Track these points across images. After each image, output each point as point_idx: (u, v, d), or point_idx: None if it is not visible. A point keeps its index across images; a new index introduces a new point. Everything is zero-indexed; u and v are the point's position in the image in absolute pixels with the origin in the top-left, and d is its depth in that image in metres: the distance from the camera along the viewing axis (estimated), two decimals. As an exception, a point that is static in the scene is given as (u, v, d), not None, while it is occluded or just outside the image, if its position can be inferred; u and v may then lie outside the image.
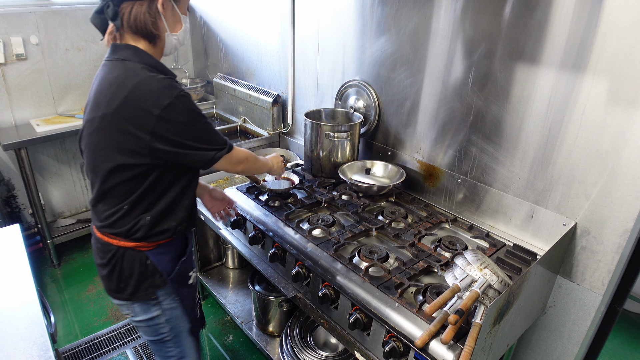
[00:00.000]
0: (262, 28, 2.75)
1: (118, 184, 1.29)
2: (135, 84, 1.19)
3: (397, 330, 1.29)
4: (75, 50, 3.09)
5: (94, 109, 1.25)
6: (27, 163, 2.80)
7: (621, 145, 1.35)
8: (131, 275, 1.36)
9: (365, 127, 2.19)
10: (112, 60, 1.26)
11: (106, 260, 1.37)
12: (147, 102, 1.18)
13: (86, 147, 1.31)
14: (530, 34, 1.48)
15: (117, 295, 1.41)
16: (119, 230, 1.32)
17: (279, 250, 1.72)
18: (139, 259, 1.36)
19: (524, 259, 1.54)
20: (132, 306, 1.42)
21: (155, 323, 1.45)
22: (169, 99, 1.19)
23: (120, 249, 1.34)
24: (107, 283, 1.41)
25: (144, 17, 1.24)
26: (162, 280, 1.40)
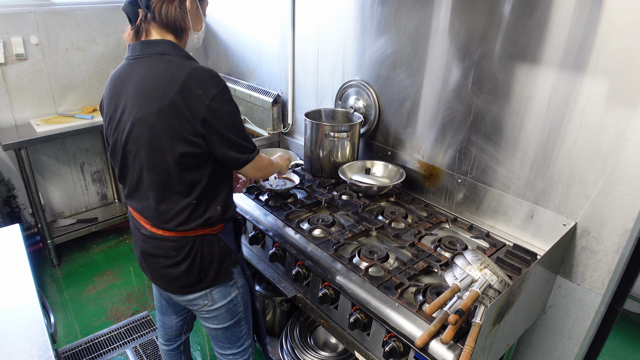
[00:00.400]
0: (262, 28, 2.75)
1: (181, 177, 1.29)
2: (188, 75, 1.21)
3: (397, 330, 1.29)
4: (75, 50, 3.09)
5: (144, 105, 1.23)
6: (27, 163, 2.80)
7: (621, 145, 1.35)
8: (212, 260, 1.40)
9: (365, 127, 2.19)
10: (150, 56, 1.26)
11: (184, 254, 1.36)
12: (199, 91, 1.20)
13: (145, 145, 1.27)
14: (530, 34, 1.48)
15: (195, 287, 1.42)
16: (195, 223, 1.34)
17: (279, 250, 1.72)
18: (216, 242, 1.41)
19: (524, 259, 1.54)
20: (210, 294, 1.45)
21: (233, 304, 1.51)
22: (216, 89, 1.22)
23: (198, 237, 1.37)
24: (186, 278, 1.40)
25: (174, 12, 1.26)
26: (235, 258, 1.47)
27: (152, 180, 1.30)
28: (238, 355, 1.65)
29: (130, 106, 1.26)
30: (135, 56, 1.28)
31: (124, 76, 1.30)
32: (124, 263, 3.19)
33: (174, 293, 1.46)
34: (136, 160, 1.30)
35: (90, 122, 2.99)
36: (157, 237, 1.37)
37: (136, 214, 1.42)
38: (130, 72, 1.28)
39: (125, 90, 1.28)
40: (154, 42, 1.28)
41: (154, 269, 1.44)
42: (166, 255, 1.38)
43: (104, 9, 3.13)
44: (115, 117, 1.30)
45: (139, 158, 1.29)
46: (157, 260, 1.41)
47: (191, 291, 1.43)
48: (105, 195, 3.61)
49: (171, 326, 1.77)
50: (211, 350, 2.49)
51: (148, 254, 1.42)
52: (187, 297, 1.45)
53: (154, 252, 1.40)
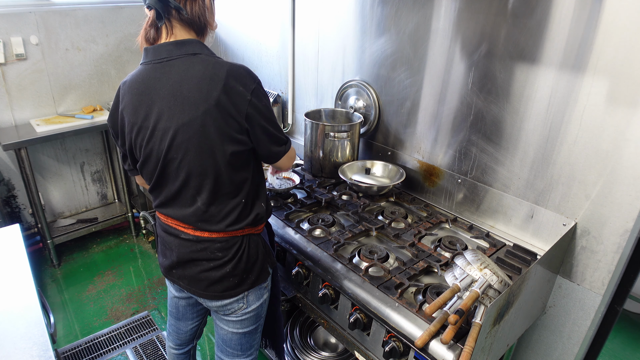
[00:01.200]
0: (262, 28, 2.75)
1: (230, 178, 1.28)
2: (227, 72, 1.19)
3: (397, 330, 1.29)
4: (75, 50, 3.09)
5: (187, 109, 1.19)
6: (27, 163, 2.80)
7: (621, 145, 1.35)
8: (257, 259, 1.40)
9: (365, 127, 2.19)
10: (179, 58, 1.21)
11: (231, 254, 1.34)
12: (240, 87, 1.20)
13: (193, 150, 1.22)
14: (530, 34, 1.48)
15: (235, 290, 1.38)
16: (245, 222, 1.34)
17: (279, 250, 1.72)
18: (260, 241, 1.42)
19: (524, 259, 1.54)
20: (246, 297, 1.42)
21: (262, 308, 1.50)
22: (254, 83, 1.23)
23: (245, 237, 1.37)
24: (229, 280, 1.36)
25: (199, 8, 1.25)
26: (274, 259, 1.48)
27: (203, 184, 1.26)
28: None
29: (169, 112, 1.20)
30: (162, 59, 1.22)
31: (151, 82, 1.22)
32: (124, 263, 3.19)
33: (211, 298, 1.41)
34: (182, 167, 1.25)
35: (91, 122, 2.99)
36: (202, 239, 1.33)
37: (174, 221, 1.36)
38: (159, 76, 1.21)
39: (157, 96, 1.21)
40: (183, 42, 1.23)
41: (193, 274, 1.38)
42: (211, 257, 1.34)
43: (104, 9, 3.13)
44: (148, 126, 1.23)
45: (185, 164, 1.24)
46: (199, 264, 1.36)
47: (230, 295, 1.39)
48: (105, 195, 3.61)
49: (185, 332, 1.74)
50: (211, 350, 2.48)
51: (188, 260, 1.37)
52: (223, 302, 1.41)
53: (197, 257, 1.35)
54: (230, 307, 1.43)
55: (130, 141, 1.30)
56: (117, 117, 1.31)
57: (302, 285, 1.66)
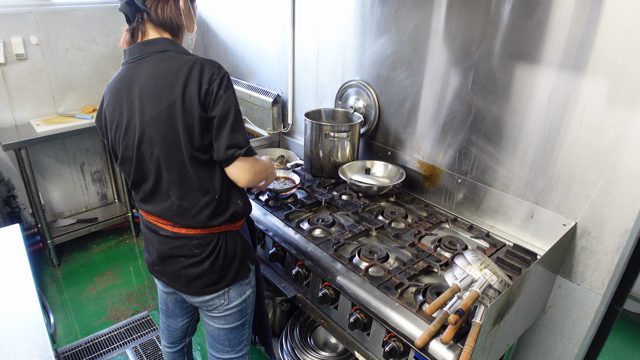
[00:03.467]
0: (262, 28, 2.75)
1: (197, 173, 1.29)
2: (190, 66, 1.22)
3: (397, 330, 1.29)
4: (75, 50, 3.09)
5: (154, 104, 1.23)
6: (27, 163, 2.80)
7: (621, 145, 1.35)
8: (235, 256, 1.41)
9: (365, 127, 2.19)
10: (149, 56, 1.26)
11: (208, 251, 1.37)
12: (201, 79, 1.21)
13: (159, 144, 1.26)
14: (530, 34, 1.48)
15: (215, 287, 1.41)
16: (221, 219, 1.35)
17: (279, 250, 1.72)
18: (239, 238, 1.43)
19: (524, 259, 1.54)
20: (227, 293, 1.45)
21: (246, 304, 1.51)
22: (217, 75, 1.23)
23: (222, 234, 1.38)
24: (208, 277, 1.39)
25: (170, 11, 1.28)
26: (254, 255, 1.49)
27: (172, 178, 1.30)
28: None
29: (139, 108, 1.25)
30: (135, 58, 1.27)
31: (125, 80, 1.28)
32: (124, 263, 3.19)
33: (192, 294, 1.44)
34: (152, 161, 1.29)
35: (90, 122, 2.99)
36: (180, 236, 1.36)
37: (154, 217, 1.39)
38: (132, 75, 1.27)
39: (130, 94, 1.26)
40: (153, 41, 1.27)
41: (173, 271, 1.42)
42: (189, 254, 1.37)
43: (104, 9, 3.13)
44: (123, 122, 1.29)
45: (155, 158, 1.28)
46: (177, 261, 1.39)
47: (210, 291, 1.42)
48: (105, 195, 3.61)
49: (176, 329, 1.76)
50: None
51: (167, 256, 1.40)
52: (204, 298, 1.44)
53: (175, 253, 1.39)
54: (212, 303, 1.46)
55: (111, 139, 1.35)
56: (102, 116, 1.36)
57: (302, 285, 1.66)
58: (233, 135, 1.26)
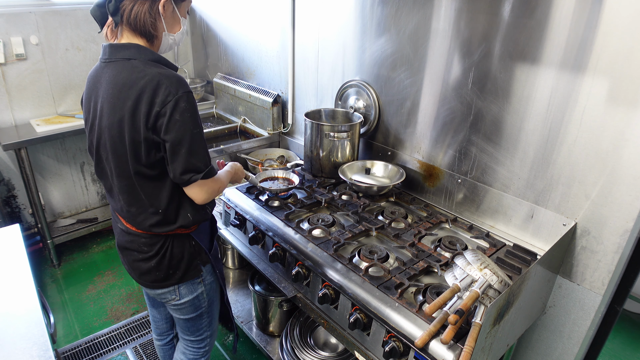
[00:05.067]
0: (262, 28, 2.75)
1: (142, 187, 1.31)
2: (146, 82, 1.19)
3: (397, 330, 1.29)
4: (75, 50, 3.09)
5: (111, 113, 1.24)
6: (27, 163, 2.80)
7: (621, 145, 1.35)
8: (182, 258, 1.44)
9: (365, 127, 2.19)
10: (115, 61, 1.26)
11: (155, 250, 1.41)
12: (156, 98, 1.19)
13: (110, 153, 1.29)
14: (530, 34, 1.48)
15: (163, 283, 1.46)
16: (168, 228, 1.38)
17: (279, 250, 1.72)
18: (187, 241, 1.45)
19: (524, 259, 1.54)
20: (178, 290, 1.50)
21: (198, 300, 1.56)
22: (173, 96, 1.19)
23: (169, 237, 1.42)
24: (155, 274, 1.45)
25: (143, 17, 1.25)
26: (207, 257, 1.52)
27: (122, 185, 1.33)
28: (195, 343, 1.71)
29: (101, 112, 1.28)
30: (105, 59, 1.28)
31: (97, 79, 1.30)
32: (124, 263, 3.19)
33: (145, 286, 1.52)
34: (107, 165, 1.34)
35: (90, 122, 2.99)
36: (131, 232, 1.42)
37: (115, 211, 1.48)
38: (101, 75, 1.29)
39: (97, 95, 1.29)
40: (121, 46, 1.26)
41: (128, 262, 1.50)
42: (139, 249, 1.43)
43: (104, 9, 3.13)
44: (89, 119, 1.34)
45: (108, 163, 1.33)
46: (131, 254, 1.46)
47: (159, 286, 1.48)
48: (105, 195, 3.61)
49: (160, 319, 1.83)
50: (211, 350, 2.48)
51: (123, 247, 1.48)
52: (156, 291, 1.51)
53: (128, 246, 1.45)
54: (164, 297, 1.53)
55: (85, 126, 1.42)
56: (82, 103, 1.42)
57: (302, 285, 1.66)
58: (190, 160, 1.24)
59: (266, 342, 2.29)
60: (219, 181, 1.39)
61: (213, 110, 3.35)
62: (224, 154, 2.59)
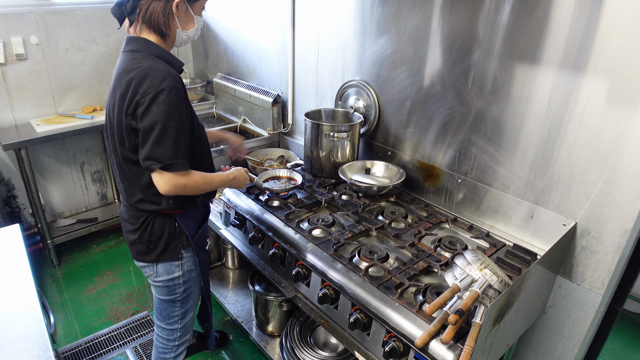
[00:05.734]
0: (262, 28, 2.75)
1: (129, 168, 1.43)
2: (137, 73, 1.30)
3: (397, 330, 1.29)
4: (75, 50, 3.09)
5: (110, 98, 1.40)
6: (27, 163, 2.80)
7: (621, 145, 1.35)
8: (161, 236, 1.52)
9: (365, 127, 2.19)
10: (125, 52, 1.39)
11: (138, 224, 1.52)
12: (139, 88, 1.29)
13: (109, 133, 1.45)
14: (530, 34, 1.48)
15: (144, 257, 1.56)
16: (150, 208, 1.48)
17: (279, 250, 1.72)
18: (168, 221, 1.52)
19: (524, 259, 1.54)
20: (156, 267, 1.57)
21: (174, 284, 1.61)
22: (155, 88, 1.28)
23: (152, 213, 1.51)
24: (137, 247, 1.55)
25: (157, 16, 1.36)
26: (187, 242, 1.57)
27: (115, 163, 1.47)
28: (164, 331, 1.75)
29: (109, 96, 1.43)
30: (122, 50, 1.42)
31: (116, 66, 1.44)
32: (124, 263, 3.19)
33: (133, 257, 1.61)
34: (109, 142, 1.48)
35: (90, 122, 2.99)
36: (125, 205, 1.56)
37: None
38: (116, 65, 1.44)
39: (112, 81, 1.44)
40: (133, 39, 1.38)
41: (123, 232, 1.63)
42: (129, 221, 1.55)
43: (104, 9, 3.13)
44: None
45: (110, 141, 1.46)
46: (125, 224, 1.59)
47: (141, 259, 1.58)
48: (105, 195, 3.61)
49: None
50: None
51: (122, 218, 1.61)
52: (139, 264, 1.61)
53: (124, 217, 1.59)
54: (145, 271, 1.61)
55: None
56: None
57: (302, 285, 1.66)
58: (154, 148, 1.31)
59: (266, 342, 2.29)
60: (189, 178, 1.40)
61: (213, 110, 3.35)
62: (224, 154, 2.59)
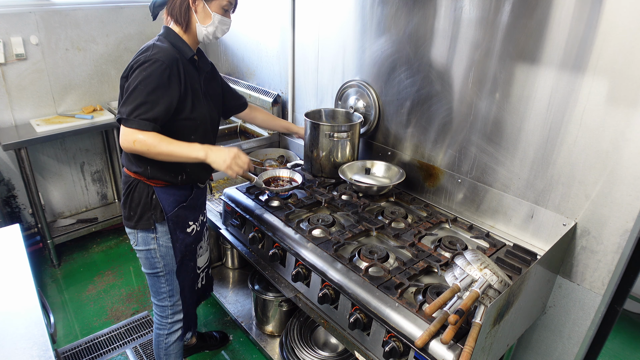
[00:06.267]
0: (262, 28, 2.75)
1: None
2: (142, 48, 1.52)
3: (397, 330, 1.29)
4: (75, 50, 3.09)
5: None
6: (27, 163, 2.80)
7: (621, 145, 1.35)
8: (139, 203, 1.64)
9: (365, 127, 2.19)
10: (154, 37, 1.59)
11: (125, 188, 1.67)
12: (137, 57, 1.48)
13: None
14: (530, 34, 1.48)
15: (127, 222, 1.69)
16: (132, 168, 1.61)
17: (279, 250, 1.72)
18: (146, 192, 1.63)
19: (524, 259, 1.54)
20: (137, 235, 1.69)
21: (151, 256, 1.73)
22: (145, 58, 1.46)
23: (135, 180, 1.63)
24: (124, 211, 1.70)
25: (177, 10, 1.56)
26: (161, 216, 1.66)
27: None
28: (157, 308, 1.87)
29: None
30: None
31: None
32: (124, 263, 3.19)
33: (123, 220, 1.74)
34: None
35: (90, 122, 2.99)
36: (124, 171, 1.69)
37: None
38: None
39: None
40: (163, 27, 1.61)
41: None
42: (122, 185, 1.69)
43: (104, 9, 3.13)
44: None
45: None
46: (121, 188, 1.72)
47: (125, 225, 1.71)
48: (105, 195, 3.61)
49: None
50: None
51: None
52: (126, 230, 1.72)
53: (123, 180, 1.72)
54: (130, 238, 1.73)
55: None
56: None
57: (302, 285, 1.66)
58: (123, 104, 1.48)
59: (266, 342, 2.29)
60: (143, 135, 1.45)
61: (213, 110, 3.35)
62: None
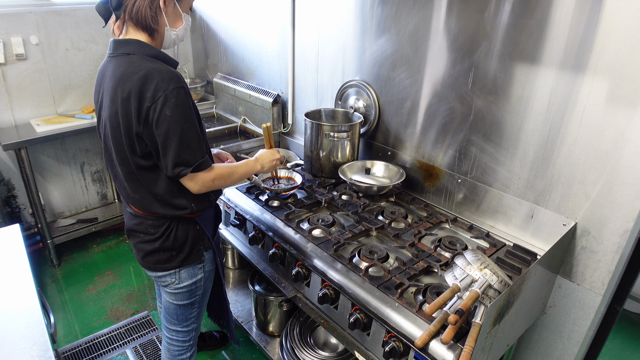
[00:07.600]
0: (262, 28, 2.75)
1: (141, 175, 1.38)
2: (140, 76, 1.24)
3: (397, 330, 1.29)
4: (75, 50, 3.09)
5: (110, 105, 1.31)
6: (27, 163, 2.80)
7: (621, 145, 1.35)
8: (186, 240, 1.50)
9: (365, 127, 2.19)
10: (117, 56, 1.32)
11: (159, 233, 1.47)
12: (147, 93, 1.24)
13: (112, 142, 1.36)
14: (530, 34, 1.48)
15: (165, 265, 1.51)
16: (170, 213, 1.44)
17: (279, 250, 1.72)
18: (192, 225, 1.51)
19: (524, 259, 1.54)
20: (179, 273, 1.54)
21: (196, 286, 1.60)
22: (164, 92, 1.24)
23: (174, 219, 1.48)
24: (156, 256, 1.50)
25: (144, 12, 1.29)
26: (209, 243, 1.58)
27: (124, 173, 1.40)
28: (181, 334, 1.74)
29: (103, 104, 1.35)
30: (110, 54, 1.35)
31: (103, 72, 1.37)
32: (124, 263, 3.19)
33: (147, 268, 1.56)
34: (112, 154, 1.40)
35: (90, 122, 2.99)
36: (139, 215, 1.48)
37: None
38: (106, 69, 1.35)
39: (101, 88, 1.36)
40: (124, 41, 1.32)
41: (134, 244, 1.56)
42: (145, 231, 1.49)
43: (104, 9, 3.13)
44: (97, 111, 1.42)
45: (113, 152, 1.39)
46: (137, 235, 1.52)
47: (162, 268, 1.52)
48: (105, 195, 3.61)
49: None
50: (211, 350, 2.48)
51: (131, 230, 1.53)
52: (157, 274, 1.55)
53: (136, 228, 1.51)
54: (164, 280, 1.56)
55: None
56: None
57: (302, 285, 1.66)
58: (180, 154, 1.29)
59: (266, 342, 2.29)
60: (215, 172, 1.41)
61: (213, 110, 3.35)
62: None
